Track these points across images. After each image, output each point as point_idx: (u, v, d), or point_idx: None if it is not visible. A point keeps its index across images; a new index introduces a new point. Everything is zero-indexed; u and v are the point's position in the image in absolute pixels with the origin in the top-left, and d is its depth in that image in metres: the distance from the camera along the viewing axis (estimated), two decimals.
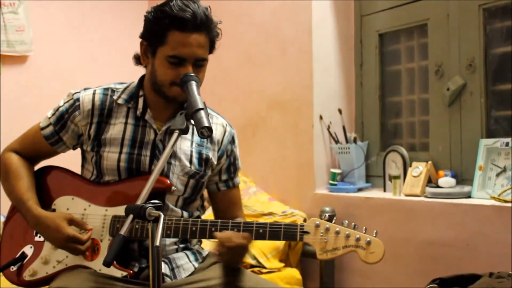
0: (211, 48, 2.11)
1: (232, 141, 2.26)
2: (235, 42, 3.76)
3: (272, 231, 1.86)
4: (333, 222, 1.83)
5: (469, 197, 2.63)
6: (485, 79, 2.74)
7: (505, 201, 2.39)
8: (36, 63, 4.18)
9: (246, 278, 2.04)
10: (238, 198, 2.31)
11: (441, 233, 2.59)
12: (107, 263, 1.46)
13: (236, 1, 3.82)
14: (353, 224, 1.81)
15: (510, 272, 1.96)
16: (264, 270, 2.88)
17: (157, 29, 2.02)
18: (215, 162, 2.19)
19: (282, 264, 2.99)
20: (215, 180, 2.23)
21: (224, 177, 2.24)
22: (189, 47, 1.99)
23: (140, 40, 2.12)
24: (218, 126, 2.22)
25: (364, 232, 1.80)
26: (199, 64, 2.03)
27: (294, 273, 2.98)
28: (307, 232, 1.82)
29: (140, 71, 2.21)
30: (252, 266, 2.87)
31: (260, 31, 3.64)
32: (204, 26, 2.02)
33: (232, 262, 1.97)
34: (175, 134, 1.75)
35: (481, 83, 2.74)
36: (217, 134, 2.19)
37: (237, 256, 1.93)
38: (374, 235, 1.79)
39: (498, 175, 2.58)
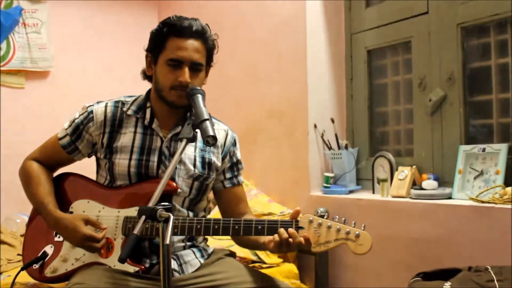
0: (209, 59, 2.13)
1: (233, 143, 2.26)
2: (236, 57, 3.77)
3: (270, 227, 1.85)
4: (325, 218, 1.83)
5: (450, 198, 2.62)
6: (463, 91, 2.74)
7: (482, 202, 2.39)
8: (56, 78, 4.21)
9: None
10: (243, 195, 2.31)
11: (424, 230, 2.59)
12: (122, 260, 1.47)
13: (237, 20, 3.83)
14: (343, 219, 1.81)
15: (487, 266, 1.96)
16: (264, 265, 2.88)
17: (158, 39, 2.06)
18: (219, 164, 2.20)
19: (281, 260, 2.99)
20: (220, 179, 2.24)
21: (228, 175, 2.24)
22: (186, 50, 2.02)
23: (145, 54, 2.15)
24: (221, 131, 2.23)
25: (353, 226, 1.80)
26: (196, 68, 2.05)
27: (291, 267, 2.97)
28: (301, 227, 1.83)
29: (149, 84, 2.23)
30: (253, 261, 2.87)
31: (259, 48, 3.65)
32: (200, 34, 2.06)
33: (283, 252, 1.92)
34: (183, 142, 1.76)
35: (460, 94, 2.74)
36: (220, 138, 2.20)
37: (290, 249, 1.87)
38: (363, 228, 1.79)
39: (476, 178, 2.58)
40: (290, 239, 1.80)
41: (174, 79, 2.02)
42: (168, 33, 2.04)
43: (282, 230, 1.83)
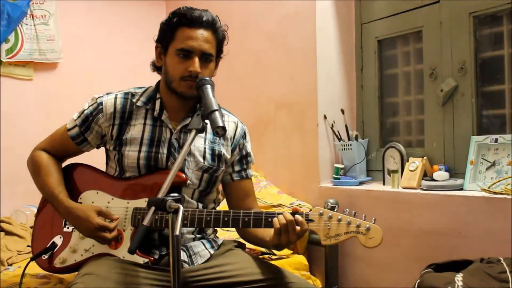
0: (219, 50, 2.13)
1: (243, 136, 2.26)
2: (245, 49, 3.76)
3: None
4: (335, 211, 1.83)
5: (461, 189, 2.61)
6: (475, 81, 2.72)
7: (494, 193, 2.38)
8: (65, 69, 4.21)
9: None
10: (252, 189, 2.31)
11: (435, 222, 2.58)
12: (131, 251, 1.47)
13: (246, 12, 3.81)
14: (353, 212, 1.81)
15: (499, 258, 1.95)
16: (273, 257, 2.87)
17: (168, 29, 2.07)
18: (229, 156, 2.20)
19: (290, 251, 2.98)
20: (229, 171, 2.24)
21: (237, 168, 2.25)
22: (196, 40, 2.03)
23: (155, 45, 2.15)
24: (230, 123, 2.23)
25: (363, 219, 1.80)
26: (206, 58, 2.05)
27: (301, 259, 2.97)
28: (311, 220, 1.83)
29: (158, 76, 2.23)
30: (262, 253, 2.87)
31: (268, 39, 3.63)
32: (210, 24, 2.06)
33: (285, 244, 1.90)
34: (192, 133, 1.76)
35: (471, 84, 2.72)
36: (229, 130, 2.20)
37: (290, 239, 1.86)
38: (373, 221, 1.79)
39: (488, 168, 2.57)
40: (288, 226, 1.81)
41: (184, 69, 2.01)
42: (178, 23, 2.04)
43: (280, 216, 1.83)
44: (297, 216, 1.82)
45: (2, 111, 3.94)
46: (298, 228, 1.82)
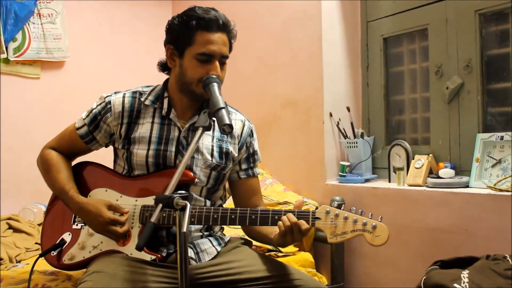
0: (230, 48, 2.14)
1: (250, 134, 2.28)
2: (251, 49, 3.77)
3: None
4: (342, 209, 1.84)
5: (467, 186, 2.61)
6: (481, 78, 2.72)
7: (500, 190, 2.38)
8: (71, 68, 4.23)
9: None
10: (258, 187, 2.32)
11: (441, 219, 2.59)
12: (139, 248, 1.49)
13: (251, 11, 3.82)
14: (360, 210, 1.82)
15: (505, 255, 1.96)
16: (280, 254, 2.89)
17: (184, 32, 2.06)
18: (236, 154, 2.21)
19: (296, 249, 2.99)
20: (236, 169, 2.25)
21: (244, 166, 2.26)
22: (216, 44, 2.03)
23: (165, 46, 2.15)
24: (238, 121, 2.24)
25: (370, 217, 1.80)
26: (223, 61, 2.07)
27: (307, 256, 2.98)
28: (318, 218, 1.84)
29: (164, 75, 2.24)
30: (269, 250, 2.88)
31: (273, 38, 3.64)
32: (225, 26, 2.07)
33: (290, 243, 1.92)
34: (199, 131, 1.77)
35: (477, 82, 2.72)
36: (236, 128, 2.22)
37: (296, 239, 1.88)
38: (380, 220, 1.79)
39: (493, 166, 2.57)
40: (293, 227, 1.82)
41: (204, 73, 2.01)
42: (196, 26, 2.03)
43: (284, 218, 1.85)
44: (301, 221, 1.83)
45: (11, 109, 3.96)
46: (303, 228, 1.83)
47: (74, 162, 2.30)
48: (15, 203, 3.77)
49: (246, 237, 2.28)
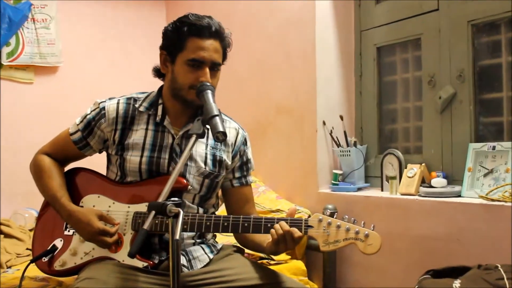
0: (224, 57, 2.14)
1: (244, 143, 2.28)
2: (246, 53, 3.78)
3: None
4: (334, 217, 1.84)
5: (459, 196, 2.62)
6: (473, 88, 2.73)
7: (492, 200, 2.39)
8: (65, 73, 4.23)
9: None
10: (251, 196, 2.32)
11: (433, 228, 2.59)
12: (131, 255, 1.48)
13: (246, 17, 3.83)
14: (352, 219, 1.82)
15: (497, 264, 1.96)
16: (272, 262, 2.88)
17: (176, 37, 2.07)
18: (229, 163, 2.21)
19: (289, 257, 2.99)
20: (229, 177, 2.25)
21: (237, 174, 2.25)
22: (207, 51, 2.04)
23: (159, 51, 2.15)
24: (231, 129, 2.24)
25: (362, 226, 1.81)
26: (214, 68, 2.07)
27: (299, 264, 2.98)
28: (311, 226, 1.84)
29: (158, 80, 2.24)
30: (261, 258, 2.87)
31: (268, 44, 3.65)
32: (218, 34, 2.07)
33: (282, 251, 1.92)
34: (193, 138, 1.78)
35: (470, 92, 2.74)
36: (230, 137, 2.21)
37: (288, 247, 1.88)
38: (372, 228, 1.79)
39: (485, 176, 2.58)
40: (286, 235, 1.82)
41: (194, 79, 2.02)
42: (188, 32, 2.04)
43: (277, 226, 1.85)
44: (293, 229, 1.83)
45: (3, 114, 3.95)
46: (295, 236, 1.83)
47: (67, 168, 2.29)
48: (6, 208, 3.75)
49: (239, 245, 2.27)
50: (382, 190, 3.05)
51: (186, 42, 2.05)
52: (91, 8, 4.39)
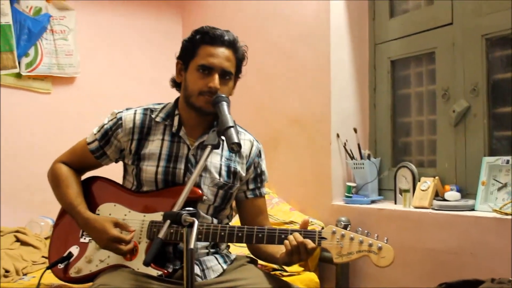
0: (238, 69, 2.17)
1: (258, 155, 2.29)
2: (260, 66, 3.80)
3: None
4: (348, 229, 1.84)
5: (473, 209, 2.62)
6: (487, 102, 2.74)
7: (506, 214, 2.38)
8: (82, 84, 4.28)
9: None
10: (264, 207, 2.33)
11: (447, 242, 2.59)
12: (146, 263, 1.50)
13: (261, 29, 3.86)
14: (366, 231, 1.82)
15: (510, 278, 1.95)
16: (285, 274, 2.89)
17: (190, 46, 2.11)
18: (244, 174, 2.22)
19: (302, 269, 2.99)
20: (243, 189, 2.26)
21: (251, 186, 2.27)
22: (217, 57, 2.06)
23: (176, 61, 2.20)
24: (246, 141, 2.25)
25: (376, 238, 1.81)
26: (225, 76, 2.09)
27: (312, 276, 2.97)
28: (324, 238, 1.84)
29: (174, 91, 2.27)
30: (274, 269, 2.88)
31: (282, 57, 3.68)
32: (231, 44, 2.10)
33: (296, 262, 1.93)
34: (208, 149, 1.79)
35: (484, 106, 2.74)
36: (245, 149, 2.23)
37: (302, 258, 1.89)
38: (385, 241, 1.80)
39: (499, 189, 2.57)
40: (300, 246, 1.83)
41: (203, 85, 2.05)
42: (200, 40, 2.08)
43: (291, 237, 1.86)
44: (307, 240, 1.84)
45: (21, 123, 4.00)
46: (309, 247, 1.84)
47: (83, 177, 2.32)
48: (22, 216, 3.78)
49: (252, 256, 2.28)
50: (395, 203, 3.05)
51: (199, 50, 2.09)
52: (108, 20, 4.45)
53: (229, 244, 2.32)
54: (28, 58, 4.00)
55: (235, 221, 2.95)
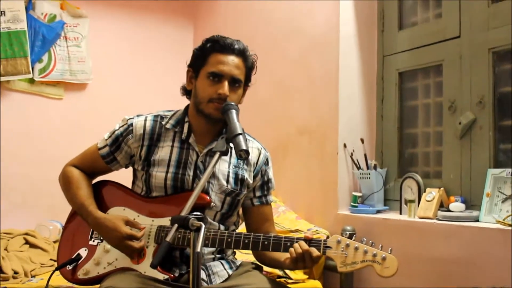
0: (247, 77, 2.20)
1: (266, 163, 2.31)
2: (270, 75, 3.83)
3: None
4: (353, 239, 1.86)
5: (477, 221, 2.62)
6: (493, 115, 2.75)
7: (509, 225, 2.39)
8: (94, 90, 4.33)
9: None
10: (270, 214, 2.35)
11: (451, 252, 2.59)
12: (153, 265, 1.53)
13: (270, 40, 3.90)
14: (370, 241, 1.84)
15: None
16: (290, 281, 2.90)
17: (200, 54, 2.14)
18: (251, 182, 2.24)
19: (306, 276, 3.00)
20: (250, 196, 2.28)
21: (258, 193, 2.29)
22: (227, 65, 2.10)
23: (187, 69, 2.23)
24: (254, 149, 2.28)
25: (380, 249, 1.82)
26: (235, 84, 2.12)
27: (317, 284, 2.99)
28: (329, 247, 1.86)
29: (184, 98, 2.30)
30: (279, 276, 2.90)
31: (291, 67, 3.71)
32: (241, 52, 2.14)
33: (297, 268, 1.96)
34: (216, 156, 1.82)
35: (489, 118, 2.75)
36: (253, 156, 2.25)
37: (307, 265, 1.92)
38: (389, 251, 1.81)
39: (503, 201, 2.58)
40: (305, 254, 1.86)
41: (213, 92, 2.08)
42: (211, 48, 2.12)
43: (296, 245, 1.88)
44: (312, 248, 1.86)
45: (33, 127, 4.05)
46: (314, 255, 1.86)
47: (94, 181, 2.35)
48: (31, 219, 3.83)
49: (257, 262, 2.30)
50: (400, 213, 3.05)
51: (209, 58, 2.12)
52: (121, 28, 4.50)
53: (235, 250, 2.34)
54: (42, 64, 4.06)
55: (242, 228, 2.97)
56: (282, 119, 3.77)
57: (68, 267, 2.20)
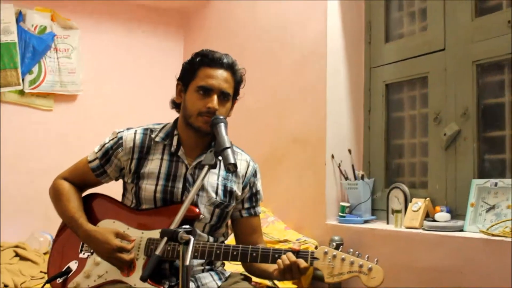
0: (236, 91, 2.22)
1: (254, 174, 2.33)
2: (261, 87, 3.86)
3: None
4: (339, 250, 1.89)
5: (462, 230, 2.66)
6: (477, 126, 2.79)
7: (493, 235, 2.43)
8: (84, 101, 4.34)
9: None
10: (259, 226, 2.37)
11: (437, 261, 2.62)
12: (144, 278, 1.55)
13: (261, 53, 3.93)
14: (357, 252, 1.87)
15: None
16: None
17: (190, 68, 2.17)
18: (239, 193, 2.26)
19: (295, 286, 3.03)
20: (238, 208, 2.30)
21: (246, 205, 2.31)
22: (216, 79, 2.12)
23: (176, 83, 2.25)
24: (242, 161, 2.30)
25: (366, 259, 1.84)
26: (224, 97, 2.14)
27: None
28: (316, 258, 1.88)
29: (174, 111, 2.32)
30: (268, 287, 2.91)
31: (281, 79, 3.74)
32: (229, 66, 2.16)
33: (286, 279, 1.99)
34: (205, 169, 1.85)
35: (474, 129, 2.79)
36: (241, 169, 2.27)
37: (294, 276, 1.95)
38: (375, 262, 1.84)
39: (487, 211, 2.62)
40: (292, 266, 1.88)
41: (202, 106, 2.11)
42: (200, 63, 2.15)
43: (284, 257, 1.91)
44: (300, 260, 1.89)
45: (22, 139, 4.05)
46: (301, 266, 1.89)
47: (84, 194, 2.36)
48: (22, 231, 3.82)
49: (246, 273, 2.32)
50: (387, 223, 3.09)
51: (198, 72, 2.14)
52: (111, 39, 4.52)
53: (224, 261, 2.36)
54: (32, 76, 4.07)
55: (231, 239, 2.99)
56: (273, 131, 3.79)
57: (59, 280, 2.20)
